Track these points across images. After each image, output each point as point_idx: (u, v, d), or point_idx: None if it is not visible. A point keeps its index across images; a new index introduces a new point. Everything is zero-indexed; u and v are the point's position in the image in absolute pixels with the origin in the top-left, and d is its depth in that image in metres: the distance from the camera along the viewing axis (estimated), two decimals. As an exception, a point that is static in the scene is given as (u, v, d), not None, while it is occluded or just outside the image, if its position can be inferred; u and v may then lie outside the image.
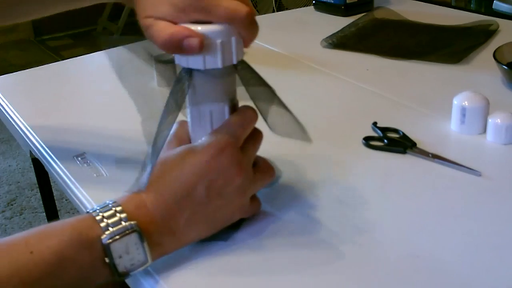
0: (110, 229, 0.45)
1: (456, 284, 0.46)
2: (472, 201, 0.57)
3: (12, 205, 2.04)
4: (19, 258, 0.43)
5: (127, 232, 0.46)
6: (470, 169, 0.61)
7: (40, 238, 0.45)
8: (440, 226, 0.53)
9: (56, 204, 1.02)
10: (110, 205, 0.47)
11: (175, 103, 0.50)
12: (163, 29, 0.47)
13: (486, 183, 0.59)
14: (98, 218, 0.46)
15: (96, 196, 0.60)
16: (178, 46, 0.47)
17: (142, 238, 0.46)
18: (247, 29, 0.48)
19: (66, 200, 1.97)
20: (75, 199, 0.62)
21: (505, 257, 0.49)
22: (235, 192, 0.50)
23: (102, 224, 0.46)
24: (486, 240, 0.51)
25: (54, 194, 1.00)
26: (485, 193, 0.58)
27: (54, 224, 0.47)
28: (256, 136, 0.53)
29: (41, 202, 1.54)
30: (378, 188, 0.59)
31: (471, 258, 0.49)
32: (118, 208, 0.47)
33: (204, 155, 0.49)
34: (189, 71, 0.49)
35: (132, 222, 0.46)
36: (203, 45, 0.46)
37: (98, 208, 0.47)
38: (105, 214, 0.46)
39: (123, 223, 0.46)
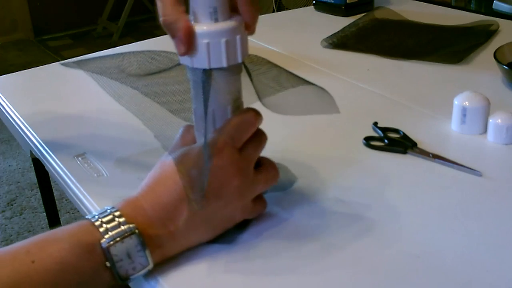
0: (109, 233, 0.46)
1: (456, 284, 0.46)
2: (472, 201, 0.57)
3: (12, 205, 2.04)
4: (21, 268, 0.44)
5: (126, 235, 0.46)
6: (471, 169, 0.61)
7: (40, 246, 0.45)
8: (440, 226, 0.53)
9: (56, 204, 1.02)
10: (108, 211, 0.47)
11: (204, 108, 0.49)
12: (162, 8, 0.46)
13: (487, 183, 0.59)
14: (97, 223, 0.46)
15: (97, 196, 0.60)
16: (168, 30, 0.46)
17: (142, 240, 0.46)
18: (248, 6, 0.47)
19: (66, 200, 1.97)
20: (75, 199, 0.62)
21: (505, 257, 0.49)
22: (233, 193, 0.49)
23: (101, 229, 0.46)
24: (486, 240, 0.51)
25: (54, 194, 1.00)
26: (485, 193, 0.58)
27: (54, 231, 0.47)
28: (259, 138, 0.52)
29: (41, 202, 1.54)
30: (379, 188, 0.59)
31: (472, 258, 0.49)
32: (117, 213, 0.47)
33: None
34: (195, 70, 0.49)
35: (130, 225, 0.46)
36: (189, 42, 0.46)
37: (96, 214, 0.47)
38: (104, 219, 0.46)
39: (122, 226, 0.46)
